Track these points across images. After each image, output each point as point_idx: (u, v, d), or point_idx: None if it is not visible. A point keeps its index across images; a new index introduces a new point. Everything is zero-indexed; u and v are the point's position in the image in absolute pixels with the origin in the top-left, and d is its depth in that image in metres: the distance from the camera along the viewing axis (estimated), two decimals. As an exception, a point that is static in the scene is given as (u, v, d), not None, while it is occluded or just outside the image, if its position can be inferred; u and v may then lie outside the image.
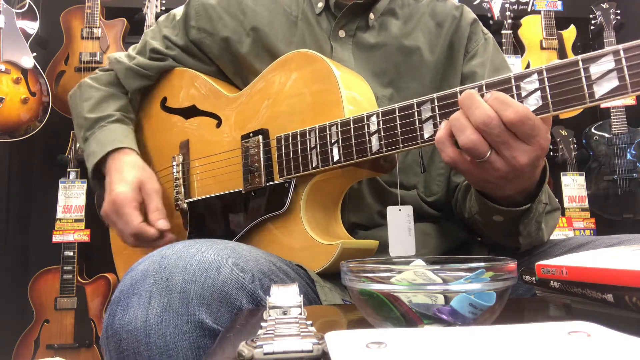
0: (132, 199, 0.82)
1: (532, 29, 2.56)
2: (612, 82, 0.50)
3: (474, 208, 0.74)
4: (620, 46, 0.50)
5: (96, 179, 0.93)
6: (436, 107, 0.61)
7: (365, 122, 0.66)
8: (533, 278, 0.50)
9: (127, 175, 0.85)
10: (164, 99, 0.99)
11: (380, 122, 0.65)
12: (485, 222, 0.73)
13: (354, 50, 0.85)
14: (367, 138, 0.66)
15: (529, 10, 2.59)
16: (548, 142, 0.56)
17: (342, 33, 0.85)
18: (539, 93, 0.54)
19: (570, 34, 2.58)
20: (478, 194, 0.68)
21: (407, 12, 0.88)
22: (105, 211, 0.84)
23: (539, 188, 0.65)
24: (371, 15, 0.86)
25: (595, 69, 0.51)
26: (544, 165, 0.64)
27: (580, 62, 0.52)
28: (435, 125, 0.61)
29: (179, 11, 0.97)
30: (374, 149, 0.66)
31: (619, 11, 2.51)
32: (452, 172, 0.87)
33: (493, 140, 0.55)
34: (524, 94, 0.55)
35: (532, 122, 0.54)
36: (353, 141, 0.67)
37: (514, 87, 0.55)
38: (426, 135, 0.62)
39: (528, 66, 2.50)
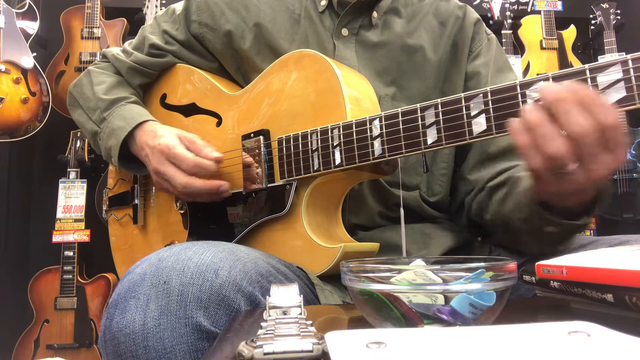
0: (178, 142, 0.80)
1: (532, 29, 2.56)
2: (620, 93, 0.50)
3: (518, 214, 0.69)
4: (629, 56, 0.50)
5: (120, 160, 0.89)
6: (440, 113, 0.60)
7: (368, 125, 0.66)
8: (533, 278, 0.50)
9: (162, 132, 0.83)
10: (164, 96, 0.98)
11: (383, 126, 0.65)
12: (531, 229, 0.67)
13: (356, 49, 0.84)
14: (369, 142, 0.66)
15: (529, 10, 2.59)
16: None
17: (345, 31, 0.85)
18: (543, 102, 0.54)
19: (570, 34, 2.58)
20: (538, 206, 0.63)
21: (411, 11, 0.88)
22: (155, 167, 0.80)
23: (594, 201, 0.61)
24: (374, 14, 0.86)
25: (603, 79, 0.51)
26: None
27: (587, 72, 0.51)
28: (439, 131, 0.60)
29: (178, 6, 0.96)
30: (377, 154, 0.65)
31: (619, 11, 2.51)
32: (462, 170, 0.85)
33: (583, 151, 0.50)
34: (529, 101, 0.54)
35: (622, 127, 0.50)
36: (355, 145, 0.67)
37: (519, 95, 0.55)
38: (429, 141, 0.61)
39: (528, 66, 2.50)
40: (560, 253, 0.67)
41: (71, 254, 2.17)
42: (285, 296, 0.39)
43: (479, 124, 0.57)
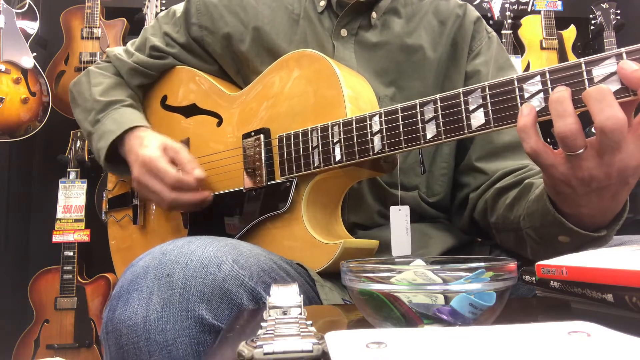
0: (161, 155, 0.81)
1: (532, 29, 2.56)
2: (615, 85, 0.50)
3: (528, 222, 0.66)
4: (623, 49, 0.50)
5: (109, 162, 0.91)
6: (439, 108, 0.61)
7: (368, 122, 0.66)
8: (533, 278, 0.50)
9: (148, 142, 0.84)
10: (164, 97, 0.99)
11: (383, 122, 0.65)
12: (540, 238, 0.65)
13: (355, 50, 0.84)
14: (369, 138, 0.66)
15: (529, 10, 2.59)
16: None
17: (344, 32, 0.85)
18: (541, 95, 0.54)
19: (570, 34, 2.58)
20: (555, 211, 0.60)
21: (410, 10, 0.88)
22: (136, 177, 0.82)
23: (616, 220, 0.60)
24: (373, 14, 0.86)
25: (598, 72, 0.51)
26: (627, 201, 0.58)
27: (583, 65, 0.52)
28: (437, 126, 0.61)
29: (179, 8, 0.96)
30: (376, 149, 0.66)
31: (619, 11, 2.51)
32: (468, 163, 0.84)
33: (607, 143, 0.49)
34: (526, 95, 0.55)
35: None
36: (355, 141, 0.67)
37: (516, 89, 0.55)
38: (429, 136, 0.62)
39: (528, 66, 2.50)
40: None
41: (71, 254, 2.17)
42: (285, 296, 0.39)
43: (477, 118, 0.58)
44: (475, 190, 0.82)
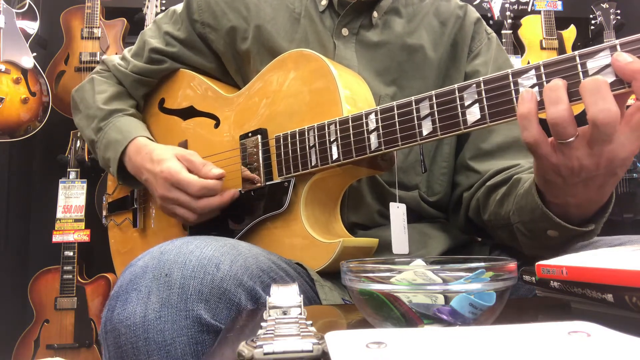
0: (179, 166, 0.80)
1: (532, 29, 2.56)
2: (609, 77, 0.50)
3: (517, 217, 0.67)
4: (617, 41, 0.50)
5: (119, 174, 0.90)
6: (434, 104, 0.61)
7: (364, 120, 0.67)
8: (533, 278, 0.50)
9: (160, 155, 0.83)
10: (162, 100, 0.99)
11: (379, 119, 0.65)
12: (530, 232, 0.66)
13: (357, 49, 0.84)
14: (365, 136, 0.66)
15: (529, 10, 2.59)
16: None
17: (345, 31, 0.85)
18: (536, 89, 0.54)
19: (570, 34, 2.58)
20: (542, 205, 0.60)
21: (411, 10, 0.89)
22: (162, 194, 0.80)
23: (601, 212, 0.60)
24: (375, 14, 0.86)
25: (592, 64, 0.51)
26: (612, 193, 0.59)
27: (577, 58, 0.52)
28: (433, 122, 0.61)
29: (178, 7, 0.96)
30: (373, 147, 0.66)
31: (619, 11, 2.51)
32: (459, 162, 0.85)
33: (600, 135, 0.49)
34: (521, 89, 0.55)
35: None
36: (352, 139, 0.67)
37: (511, 83, 0.55)
38: (425, 132, 0.62)
39: (528, 66, 2.50)
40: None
41: (71, 254, 2.17)
42: (285, 296, 0.39)
43: (473, 114, 0.58)
44: (469, 189, 0.83)
